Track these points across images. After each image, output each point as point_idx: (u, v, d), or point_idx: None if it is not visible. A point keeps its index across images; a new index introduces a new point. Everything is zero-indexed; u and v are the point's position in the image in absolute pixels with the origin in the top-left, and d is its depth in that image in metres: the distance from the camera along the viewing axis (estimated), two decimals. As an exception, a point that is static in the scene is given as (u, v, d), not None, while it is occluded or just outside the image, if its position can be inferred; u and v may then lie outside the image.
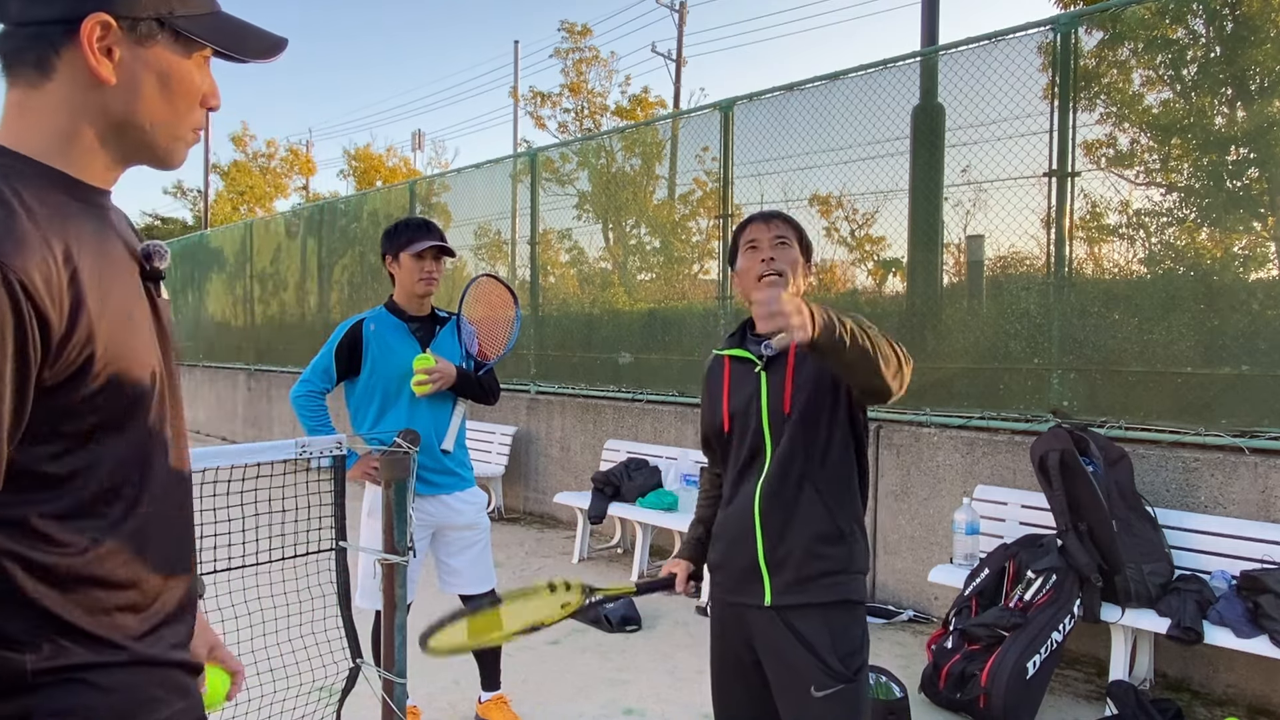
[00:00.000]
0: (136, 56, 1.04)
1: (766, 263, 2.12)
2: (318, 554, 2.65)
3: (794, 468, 2.05)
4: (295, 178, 36.87)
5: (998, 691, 3.43)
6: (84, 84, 1.02)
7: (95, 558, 1.03)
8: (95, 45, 1.00)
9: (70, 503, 1.00)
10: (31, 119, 1.02)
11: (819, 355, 1.79)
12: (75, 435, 1.00)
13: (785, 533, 2.05)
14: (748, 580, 2.09)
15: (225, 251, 13.81)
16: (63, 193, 1.02)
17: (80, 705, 1.01)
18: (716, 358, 2.26)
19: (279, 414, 11.28)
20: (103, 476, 1.03)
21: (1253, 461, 3.86)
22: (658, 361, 6.78)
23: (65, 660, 1.00)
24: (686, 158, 7.13)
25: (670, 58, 26.12)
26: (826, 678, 1.97)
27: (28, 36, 1.01)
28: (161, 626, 1.11)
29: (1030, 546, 3.93)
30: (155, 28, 1.04)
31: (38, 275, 0.92)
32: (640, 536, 5.75)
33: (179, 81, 1.08)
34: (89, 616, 1.02)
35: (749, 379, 2.14)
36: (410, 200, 9.52)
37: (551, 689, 3.89)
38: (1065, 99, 4.56)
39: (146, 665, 1.08)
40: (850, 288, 6.29)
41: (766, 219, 2.20)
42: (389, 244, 3.28)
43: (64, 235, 0.98)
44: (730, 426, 2.16)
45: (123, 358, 1.02)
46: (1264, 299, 4.17)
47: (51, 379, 0.96)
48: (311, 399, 3.24)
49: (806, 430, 2.05)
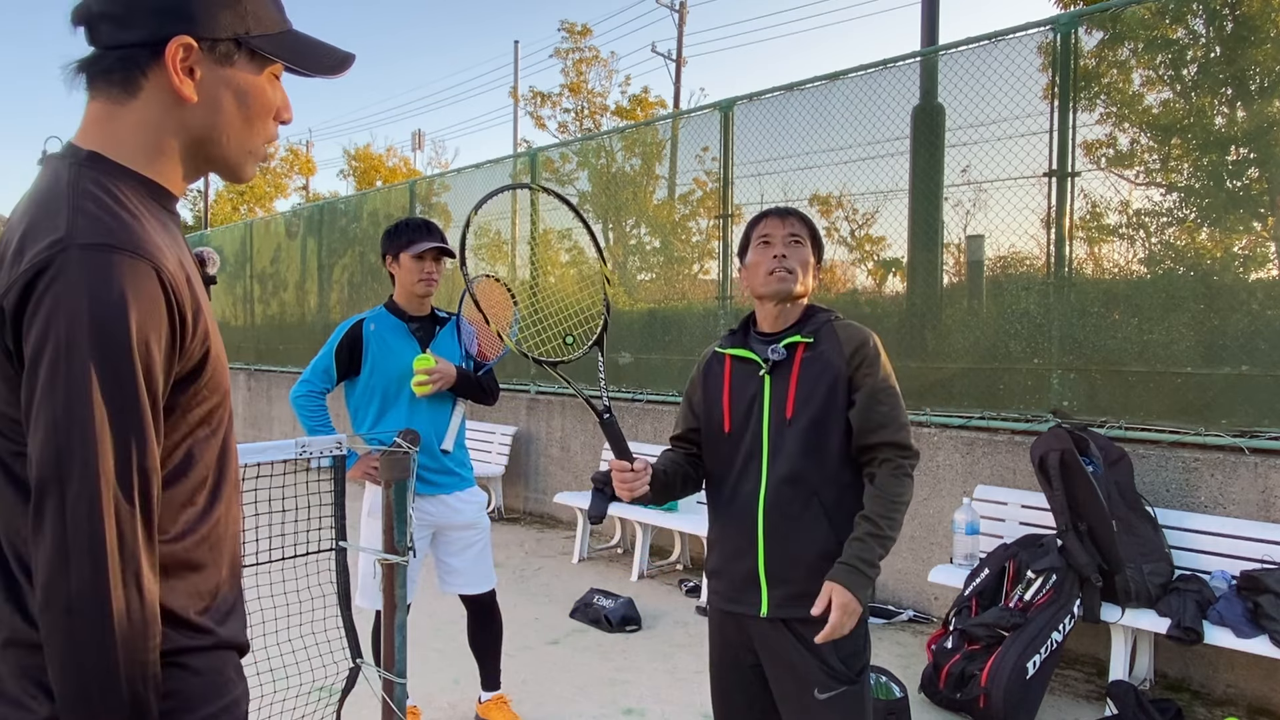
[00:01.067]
0: (217, 76, 1.09)
1: (778, 259, 2.09)
2: (318, 554, 2.65)
3: (799, 478, 2.02)
4: (295, 178, 36.86)
5: (997, 691, 3.43)
6: (168, 102, 1.08)
7: (192, 544, 1.10)
8: (179, 66, 1.05)
9: (177, 490, 1.08)
10: (121, 132, 1.07)
11: None
12: (187, 426, 1.08)
13: (788, 548, 2.03)
14: (745, 590, 2.08)
15: (225, 251, 13.81)
16: (154, 200, 1.08)
17: (178, 689, 1.07)
18: (717, 355, 2.21)
19: (279, 414, 11.28)
20: (202, 466, 1.11)
21: (1253, 461, 3.86)
22: (658, 361, 6.78)
23: (165, 646, 1.04)
24: (686, 158, 7.13)
25: (670, 58, 26.11)
26: (829, 680, 1.97)
27: (117, 59, 1.06)
28: (232, 611, 1.19)
29: (1030, 546, 3.93)
30: (233, 48, 1.09)
31: (175, 274, 1.01)
32: (640, 536, 5.75)
33: (255, 98, 1.13)
34: (184, 601, 1.09)
35: (751, 380, 2.11)
36: (410, 200, 9.52)
37: (551, 689, 3.89)
38: (1065, 99, 4.56)
39: (224, 649, 1.15)
40: (850, 288, 6.29)
41: (782, 215, 2.16)
42: (390, 244, 3.28)
43: (171, 240, 1.06)
44: (732, 427, 2.12)
45: (220, 355, 1.12)
46: (1264, 299, 4.16)
47: (179, 371, 1.03)
48: (311, 399, 3.24)
49: (811, 437, 2.02)
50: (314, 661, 2.80)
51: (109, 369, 0.94)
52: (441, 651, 4.24)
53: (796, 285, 2.10)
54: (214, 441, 1.13)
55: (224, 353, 1.14)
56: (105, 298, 0.93)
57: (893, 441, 2.03)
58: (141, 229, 1.00)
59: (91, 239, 0.95)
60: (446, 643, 4.31)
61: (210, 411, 1.11)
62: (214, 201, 33.22)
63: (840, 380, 2.04)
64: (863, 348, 2.06)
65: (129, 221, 0.99)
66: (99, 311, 0.93)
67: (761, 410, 2.07)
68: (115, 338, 0.94)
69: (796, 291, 2.11)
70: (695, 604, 5.06)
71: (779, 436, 2.04)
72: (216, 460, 1.14)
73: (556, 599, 5.19)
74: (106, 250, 0.95)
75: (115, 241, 0.96)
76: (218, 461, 1.14)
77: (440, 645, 4.31)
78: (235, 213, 33.59)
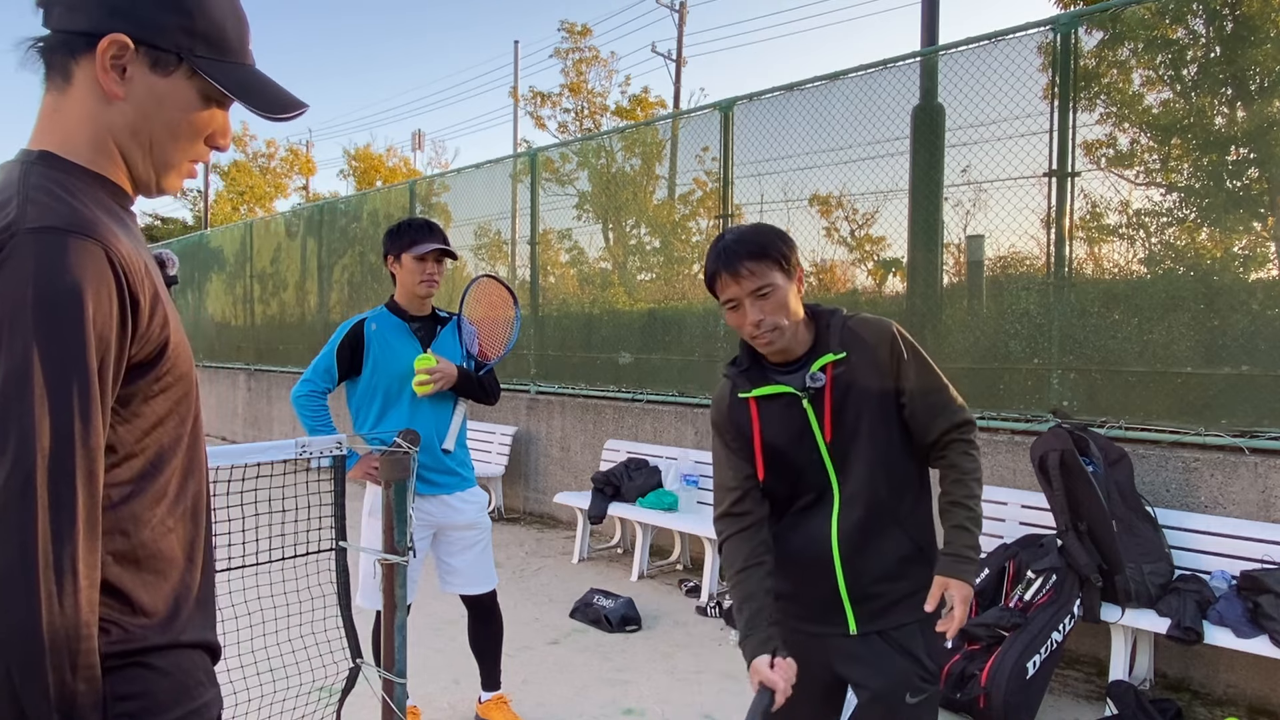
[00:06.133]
0: (149, 82, 1.10)
1: (755, 325, 1.87)
2: (318, 554, 2.65)
3: (871, 497, 1.93)
4: (295, 178, 36.87)
5: (997, 691, 3.43)
6: (97, 95, 1.09)
7: (160, 536, 1.09)
8: (108, 61, 1.07)
9: (145, 482, 1.07)
10: (68, 127, 1.09)
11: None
12: (154, 415, 1.08)
13: (868, 566, 1.95)
14: (828, 611, 1.98)
15: (225, 251, 13.80)
16: (109, 197, 1.09)
17: (145, 690, 1.05)
18: (740, 401, 1.99)
19: (279, 414, 11.28)
20: (171, 458, 1.11)
21: (1253, 461, 3.86)
22: (658, 361, 6.78)
23: (131, 644, 1.04)
24: (686, 158, 7.13)
25: (670, 58, 26.10)
26: (923, 682, 1.95)
27: (59, 42, 1.08)
28: (203, 611, 1.17)
29: (1030, 546, 3.93)
30: (173, 61, 1.10)
31: (127, 257, 1.01)
32: (640, 537, 5.75)
33: (184, 114, 1.13)
34: (151, 596, 1.07)
35: (787, 414, 1.95)
36: (410, 200, 9.51)
37: (551, 689, 3.89)
38: (1065, 99, 4.56)
39: (192, 648, 1.13)
40: (850, 288, 6.29)
41: (734, 272, 1.85)
42: (392, 244, 3.28)
43: (126, 233, 1.06)
44: (766, 473, 1.96)
45: (182, 345, 1.11)
46: (1264, 299, 4.16)
47: (138, 356, 1.04)
48: (313, 399, 3.24)
49: (873, 452, 1.92)
50: (314, 661, 2.81)
51: (54, 347, 0.93)
52: (441, 651, 4.24)
53: (786, 334, 1.91)
54: (182, 433, 1.13)
55: (187, 346, 1.13)
56: (52, 276, 0.94)
57: (954, 423, 1.97)
58: (92, 215, 1.01)
59: (39, 222, 0.96)
60: (446, 643, 4.32)
61: (176, 402, 1.11)
62: (214, 202, 33.20)
63: (886, 383, 1.93)
64: (894, 343, 1.95)
65: (79, 208, 1.00)
66: (45, 291, 0.93)
67: (814, 438, 1.94)
68: (61, 315, 0.93)
69: (790, 336, 1.93)
70: (695, 604, 5.06)
71: (842, 459, 1.93)
72: (185, 453, 1.14)
73: (556, 599, 5.19)
74: (54, 232, 0.96)
75: (63, 224, 0.97)
76: (186, 454, 1.14)
77: (440, 645, 4.31)
78: (235, 213, 33.59)
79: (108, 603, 1.02)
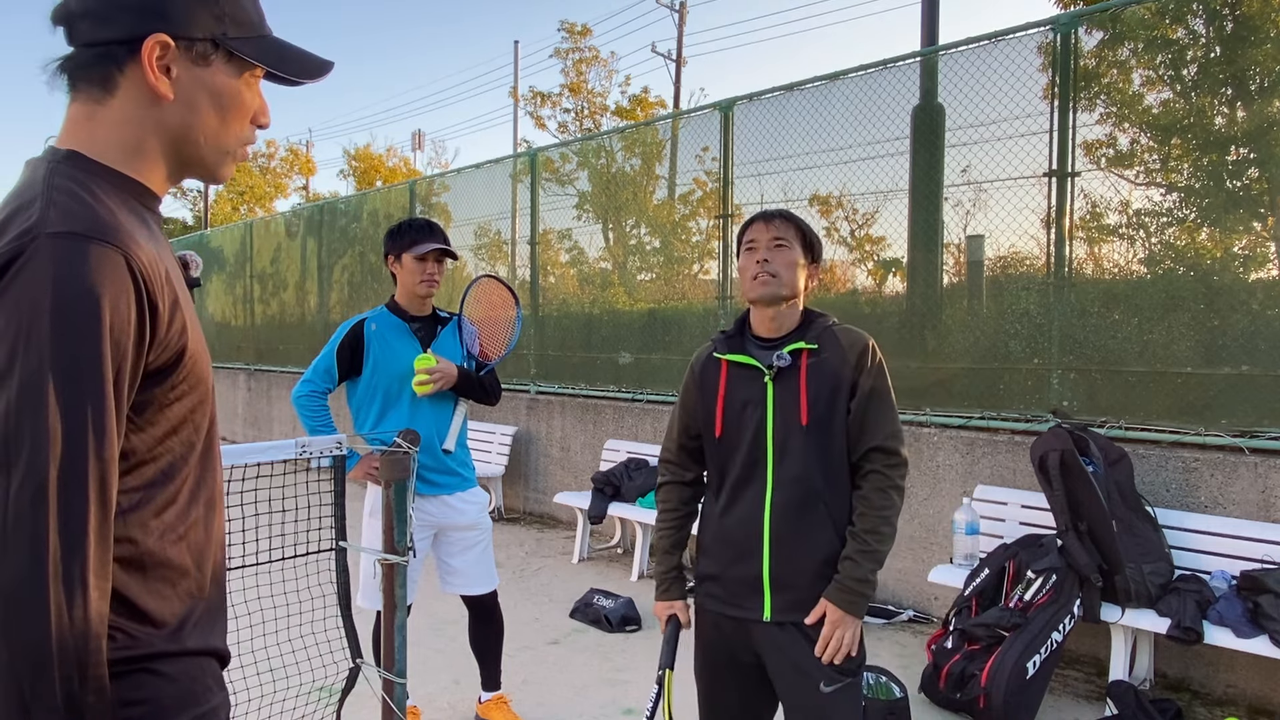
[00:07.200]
0: (193, 75, 1.11)
1: (761, 264, 2.07)
2: (318, 554, 2.66)
3: (807, 485, 2.03)
4: (295, 178, 36.87)
5: (997, 691, 3.43)
6: (145, 100, 1.09)
7: (171, 544, 1.08)
8: (155, 63, 1.07)
9: (158, 489, 1.07)
10: (100, 131, 1.08)
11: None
12: (169, 422, 1.07)
13: (794, 554, 2.04)
14: (747, 594, 2.08)
15: (225, 251, 13.81)
16: (134, 198, 1.09)
17: (151, 695, 1.04)
18: (713, 360, 2.17)
19: (279, 414, 11.28)
20: (185, 466, 1.11)
21: (1253, 461, 3.86)
22: (658, 361, 6.78)
23: (137, 650, 1.03)
24: (686, 158, 7.13)
25: (670, 58, 26.10)
26: (835, 674, 2.02)
27: (95, 55, 1.07)
28: (213, 617, 1.17)
29: (1030, 546, 3.93)
30: (210, 49, 1.11)
31: (147, 264, 1.01)
32: (640, 536, 5.75)
33: (231, 99, 1.14)
34: (160, 603, 1.07)
35: (750, 386, 2.09)
36: (410, 200, 9.52)
37: (551, 689, 3.89)
38: (1065, 99, 4.56)
39: (200, 655, 1.12)
40: (850, 288, 6.29)
41: (767, 219, 2.13)
42: (392, 244, 3.28)
43: (149, 236, 1.06)
44: (723, 432, 2.11)
45: (200, 352, 1.11)
46: (1264, 299, 4.16)
47: (155, 363, 1.03)
48: (313, 399, 3.25)
49: (819, 443, 2.02)
50: (314, 661, 2.81)
51: (69, 355, 0.92)
52: (442, 651, 4.24)
53: (782, 289, 2.08)
54: (195, 441, 1.12)
55: (206, 352, 1.13)
56: (71, 283, 0.93)
57: (880, 446, 2.04)
58: (114, 220, 1.00)
59: (60, 227, 0.96)
60: (447, 643, 4.32)
61: (192, 410, 1.10)
62: (214, 201, 33.21)
63: (844, 385, 2.04)
64: (865, 353, 2.07)
65: (101, 213, 1.00)
66: (63, 297, 0.93)
67: (765, 416, 2.06)
68: (79, 323, 0.93)
69: (784, 294, 2.09)
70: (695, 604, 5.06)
71: (785, 443, 2.04)
72: (199, 461, 1.13)
73: (556, 599, 5.19)
74: (74, 238, 0.95)
75: (83, 229, 0.96)
76: (200, 462, 1.13)
77: (440, 645, 4.32)
78: (235, 213, 33.58)
79: (114, 609, 1.01)
